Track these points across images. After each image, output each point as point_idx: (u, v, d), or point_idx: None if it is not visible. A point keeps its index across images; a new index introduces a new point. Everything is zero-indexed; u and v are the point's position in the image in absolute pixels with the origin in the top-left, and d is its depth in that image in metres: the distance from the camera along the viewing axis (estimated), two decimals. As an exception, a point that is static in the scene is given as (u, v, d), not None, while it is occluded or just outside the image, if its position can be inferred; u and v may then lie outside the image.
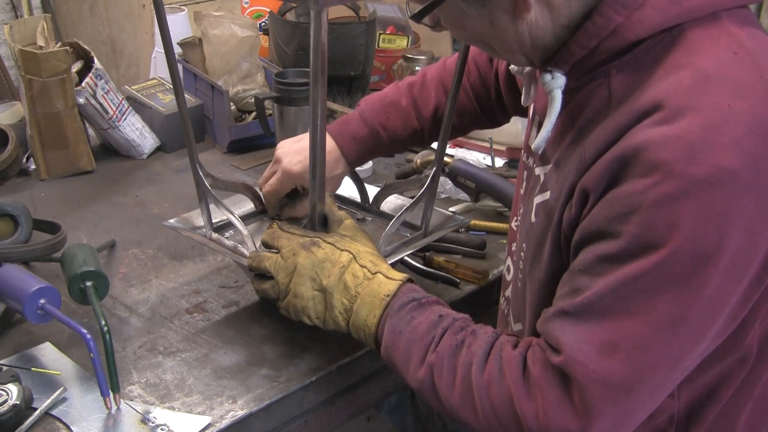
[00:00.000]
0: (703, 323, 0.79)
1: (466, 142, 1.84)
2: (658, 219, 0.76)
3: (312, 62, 0.96)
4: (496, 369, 0.87)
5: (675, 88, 0.78)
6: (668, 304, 0.77)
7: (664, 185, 0.75)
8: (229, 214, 1.19)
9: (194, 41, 1.96)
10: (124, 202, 1.62)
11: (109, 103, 1.73)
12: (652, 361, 0.79)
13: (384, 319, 0.96)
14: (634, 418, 0.83)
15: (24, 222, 1.38)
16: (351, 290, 0.99)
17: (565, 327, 0.82)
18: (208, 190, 1.19)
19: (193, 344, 1.17)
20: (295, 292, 1.02)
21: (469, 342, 0.90)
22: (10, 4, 3.46)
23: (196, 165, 1.18)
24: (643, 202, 0.76)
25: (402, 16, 2.46)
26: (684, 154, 0.74)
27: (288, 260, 1.02)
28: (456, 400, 0.89)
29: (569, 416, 0.81)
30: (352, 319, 0.99)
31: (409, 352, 0.93)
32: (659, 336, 0.78)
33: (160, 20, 1.06)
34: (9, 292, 1.08)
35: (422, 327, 0.94)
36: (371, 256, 1.02)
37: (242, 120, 1.90)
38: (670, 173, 0.75)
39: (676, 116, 0.76)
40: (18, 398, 0.98)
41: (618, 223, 0.79)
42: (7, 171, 1.66)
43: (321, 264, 1.00)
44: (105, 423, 1.00)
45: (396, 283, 0.98)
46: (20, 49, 1.61)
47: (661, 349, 0.79)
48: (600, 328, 0.80)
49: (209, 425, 1.01)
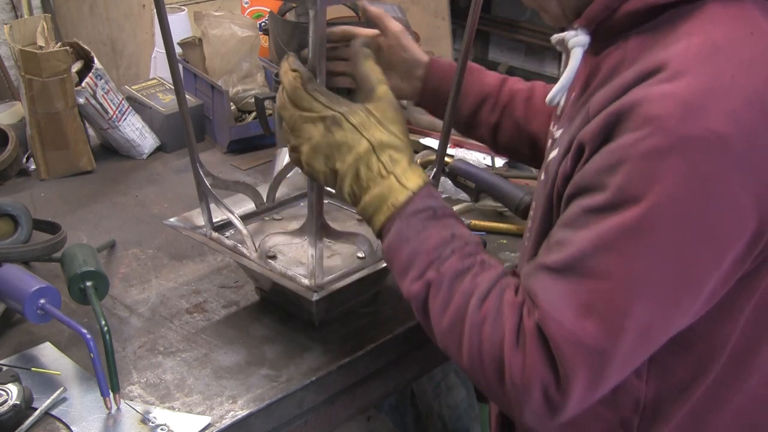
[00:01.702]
0: (678, 290, 0.79)
1: (466, 142, 1.84)
2: (642, 171, 0.76)
3: (309, 62, 0.96)
4: (494, 309, 0.85)
5: (682, 53, 0.79)
6: (643, 265, 0.77)
7: (653, 138, 0.75)
8: (229, 214, 1.19)
9: (194, 41, 1.96)
10: (124, 202, 1.62)
11: (109, 103, 1.73)
12: (625, 326, 0.78)
13: (392, 221, 0.93)
14: (607, 382, 0.82)
15: (24, 222, 1.38)
16: (362, 182, 0.94)
17: (545, 282, 0.82)
18: (209, 189, 1.19)
19: (193, 344, 1.17)
20: (307, 162, 0.97)
21: (475, 272, 0.88)
22: (10, 4, 3.46)
23: (196, 164, 1.17)
24: (631, 154, 0.76)
25: (402, 16, 2.46)
26: (678, 112, 0.75)
27: (305, 126, 0.96)
28: (444, 326, 0.88)
29: (550, 372, 0.80)
30: (359, 206, 0.96)
31: (411, 262, 0.91)
32: (633, 299, 0.78)
33: (161, 20, 1.06)
34: (9, 292, 1.08)
35: (431, 241, 0.90)
36: (391, 150, 0.95)
37: (242, 120, 1.90)
38: (660, 128, 0.75)
39: (676, 76, 0.77)
40: (18, 398, 0.98)
41: (606, 175, 0.79)
42: (7, 171, 1.66)
43: (339, 147, 0.95)
44: (105, 423, 1.00)
45: (407, 193, 0.93)
46: (20, 49, 1.61)
47: (634, 313, 0.78)
48: (578, 287, 0.80)
49: (209, 425, 1.01)
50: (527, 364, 0.81)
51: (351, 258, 1.21)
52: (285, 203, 1.36)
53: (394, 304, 1.27)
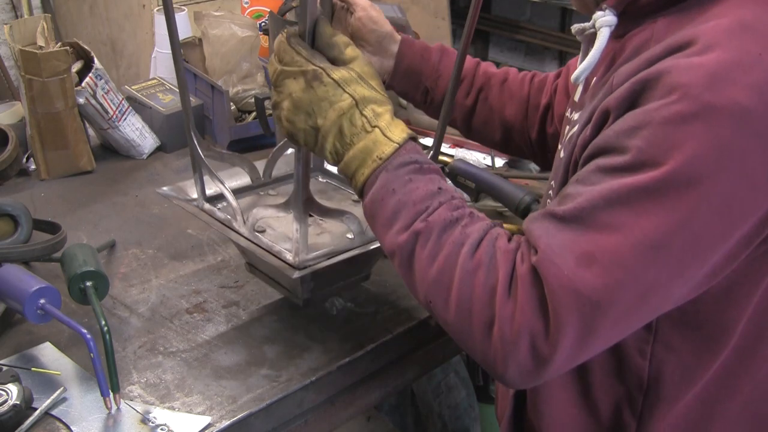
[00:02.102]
0: (683, 257, 0.78)
1: (466, 142, 1.84)
2: (664, 136, 0.76)
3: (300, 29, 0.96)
4: (488, 257, 0.83)
5: (712, 28, 0.79)
6: (653, 225, 0.76)
7: (677, 105, 0.76)
8: (220, 185, 1.16)
9: (194, 41, 1.96)
10: (124, 202, 1.62)
11: (109, 103, 1.73)
12: (625, 282, 0.77)
13: (375, 174, 0.91)
14: (597, 341, 0.81)
15: (24, 222, 1.38)
16: (346, 137, 0.93)
17: (549, 228, 0.81)
18: (202, 159, 1.16)
19: (193, 344, 1.17)
20: (288, 118, 0.96)
21: (465, 222, 0.87)
22: (10, 4, 3.46)
23: (191, 133, 1.14)
24: (654, 118, 0.77)
25: (402, 16, 2.46)
26: (704, 81, 0.75)
27: (286, 82, 0.95)
28: (432, 276, 0.86)
29: (540, 322, 0.79)
30: (341, 164, 0.94)
31: (397, 213, 0.89)
32: (638, 257, 0.77)
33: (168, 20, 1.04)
34: (9, 292, 1.08)
35: (418, 193, 0.89)
36: (374, 104, 0.94)
37: (242, 120, 1.90)
38: (686, 95, 0.75)
39: (705, 50, 0.77)
40: (18, 398, 0.98)
41: (626, 137, 0.79)
42: (7, 171, 1.66)
43: (319, 102, 0.93)
44: (105, 423, 1.00)
45: (393, 145, 0.92)
46: (20, 49, 1.61)
47: (636, 271, 0.77)
48: (583, 237, 0.79)
49: (209, 425, 1.01)
50: (518, 312, 0.79)
51: (341, 237, 1.18)
52: (281, 179, 1.33)
53: (394, 304, 1.27)
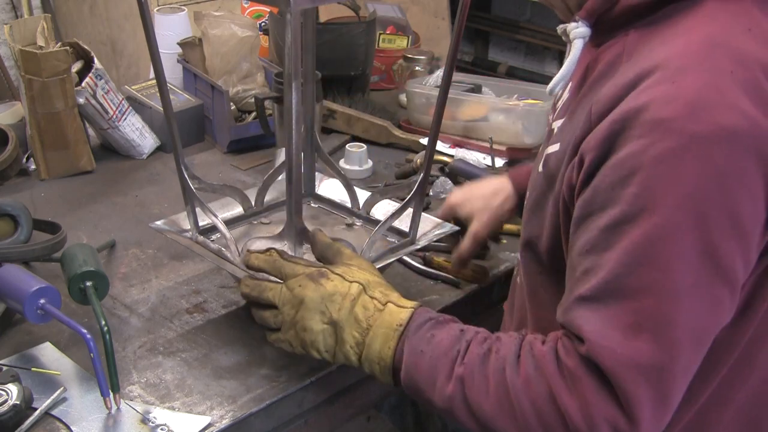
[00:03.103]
0: (714, 287, 0.78)
1: (466, 142, 1.84)
2: (658, 176, 0.76)
3: (286, 64, 0.96)
4: (531, 367, 0.84)
5: (680, 50, 0.79)
6: (680, 270, 0.76)
7: (664, 142, 0.75)
8: (213, 218, 1.18)
9: (194, 41, 1.96)
10: (124, 202, 1.62)
11: (109, 103, 1.73)
12: (677, 336, 0.77)
13: (401, 345, 0.93)
14: (674, 397, 0.81)
15: (24, 222, 1.38)
16: (362, 323, 0.95)
17: (585, 314, 0.81)
18: (193, 193, 1.17)
19: (193, 344, 1.17)
20: (304, 326, 0.97)
21: (496, 348, 0.88)
22: (10, 4, 3.46)
23: (181, 167, 1.16)
24: (644, 162, 0.76)
25: (402, 16, 2.46)
26: (684, 112, 0.75)
27: (294, 291, 0.98)
28: (491, 408, 0.86)
29: (612, 406, 0.78)
30: (364, 353, 0.95)
31: (435, 369, 0.90)
32: (678, 307, 0.77)
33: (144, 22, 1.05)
34: (9, 292, 1.08)
35: (445, 343, 0.91)
36: (380, 287, 0.98)
37: (242, 120, 1.90)
38: (669, 130, 0.75)
39: (676, 76, 0.77)
40: (18, 398, 0.98)
41: (620, 187, 0.78)
42: (7, 171, 1.66)
43: (330, 297, 0.96)
44: (105, 423, 1.00)
45: (408, 310, 0.95)
46: (20, 49, 1.60)
47: (683, 321, 0.77)
48: (620, 309, 0.78)
49: (209, 425, 1.01)
50: (585, 405, 0.79)
51: None
52: (273, 207, 1.34)
53: (394, 304, 1.27)
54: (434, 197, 1.63)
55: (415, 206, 1.20)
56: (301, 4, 0.92)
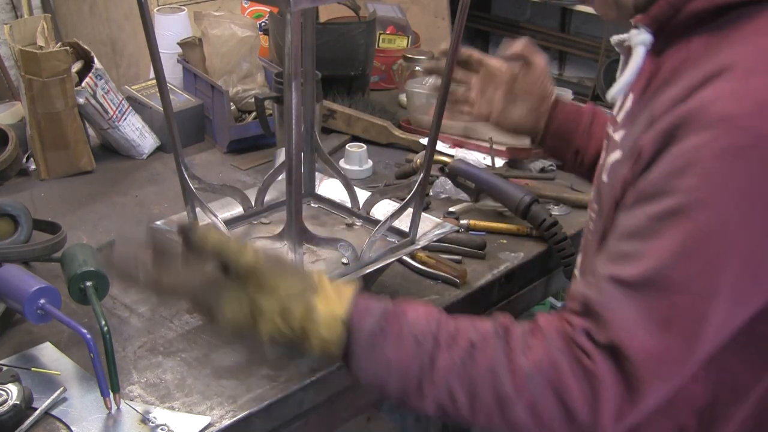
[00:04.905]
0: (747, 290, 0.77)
1: (466, 142, 1.84)
2: (717, 171, 0.73)
3: (286, 64, 0.96)
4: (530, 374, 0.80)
5: (752, 51, 0.77)
6: (722, 269, 0.75)
7: (728, 137, 0.73)
8: (213, 218, 1.18)
9: (194, 41, 1.96)
10: (124, 202, 1.62)
11: (109, 103, 1.73)
12: (703, 331, 0.77)
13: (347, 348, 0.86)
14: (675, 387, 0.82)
15: (24, 222, 1.38)
16: None
17: (619, 298, 0.79)
18: (194, 193, 1.17)
19: (193, 344, 1.17)
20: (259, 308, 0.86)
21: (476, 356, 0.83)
22: (10, 4, 3.46)
23: (181, 168, 1.16)
24: (703, 155, 0.74)
25: (402, 16, 2.46)
26: (751, 110, 0.73)
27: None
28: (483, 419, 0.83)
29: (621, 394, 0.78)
30: None
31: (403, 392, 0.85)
32: (712, 305, 0.76)
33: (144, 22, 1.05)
34: (9, 292, 1.08)
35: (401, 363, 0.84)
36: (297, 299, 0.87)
37: (242, 120, 1.90)
38: (735, 126, 0.73)
39: (748, 76, 0.75)
40: (18, 398, 0.98)
41: (674, 178, 0.76)
42: (7, 171, 1.66)
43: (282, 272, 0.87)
44: (105, 423, 1.00)
45: None
46: (20, 49, 1.60)
47: (712, 319, 0.76)
48: (659, 302, 0.77)
49: (209, 425, 1.01)
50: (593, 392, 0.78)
51: (336, 263, 1.19)
52: (273, 207, 1.34)
53: (394, 304, 1.27)
54: (434, 197, 1.63)
55: (415, 206, 1.20)
56: (301, 4, 0.92)
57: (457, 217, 1.52)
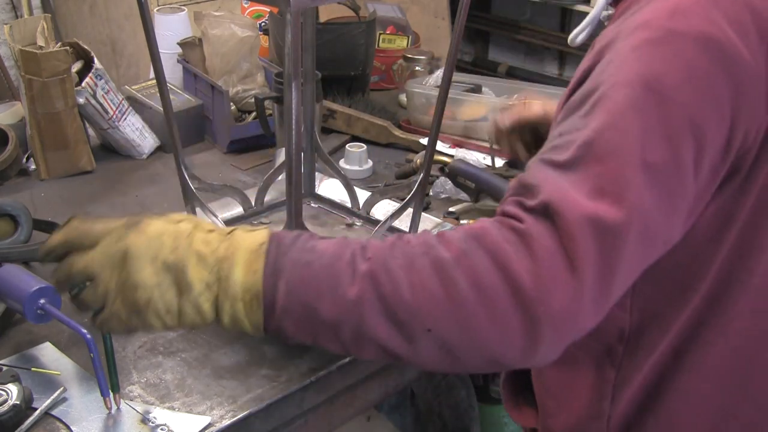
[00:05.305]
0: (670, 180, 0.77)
1: (466, 142, 1.84)
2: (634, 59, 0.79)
3: (286, 64, 0.96)
4: (462, 241, 0.76)
5: None
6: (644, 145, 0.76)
7: (644, 34, 0.80)
8: (213, 218, 1.18)
9: (194, 41, 1.96)
10: (124, 202, 1.62)
11: (109, 103, 1.73)
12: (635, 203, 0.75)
13: (271, 264, 0.77)
14: (616, 281, 0.76)
15: (24, 222, 1.38)
16: (208, 259, 0.78)
17: (551, 174, 0.78)
18: (194, 193, 1.18)
19: (193, 344, 1.16)
20: (133, 283, 0.78)
21: (406, 239, 0.79)
22: (10, 4, 3.45)
23: (181, 167, 1.16)
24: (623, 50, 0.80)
25: (402, 16, 2.46)
26: (665, 14, 0.80)
27: (111, 248, 0.80)
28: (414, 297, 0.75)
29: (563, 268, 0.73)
30: (221, 293, 0.78)
31: (331, 275, 0.76)
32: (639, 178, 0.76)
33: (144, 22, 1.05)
34: (9, 292, 1.08)
35: (332, 248, 0.78)
36: (213, 225, 0.84)
37: (242, 120, 1.90)
38: (650, 26, 0.80)
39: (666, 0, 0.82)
40: (18, 398, 0.98)
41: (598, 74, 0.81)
42: (7, 171, 1.66)
43: (159, 238, 0.79)
44: (105, 423, 1.00)
45: (262, 230, 0.81)
46: (20, 49, 1.61)
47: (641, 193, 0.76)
48: (587, 173, 0.77)
49: (209, 425, 1.01)
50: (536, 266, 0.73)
51: None
52: (273, 207, 1.34)
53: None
54: (434, 197, 1.63)
55: (415, 206, 1.20)
56: (301, 4, 0.92)
57: (457, 217, 1.52)
